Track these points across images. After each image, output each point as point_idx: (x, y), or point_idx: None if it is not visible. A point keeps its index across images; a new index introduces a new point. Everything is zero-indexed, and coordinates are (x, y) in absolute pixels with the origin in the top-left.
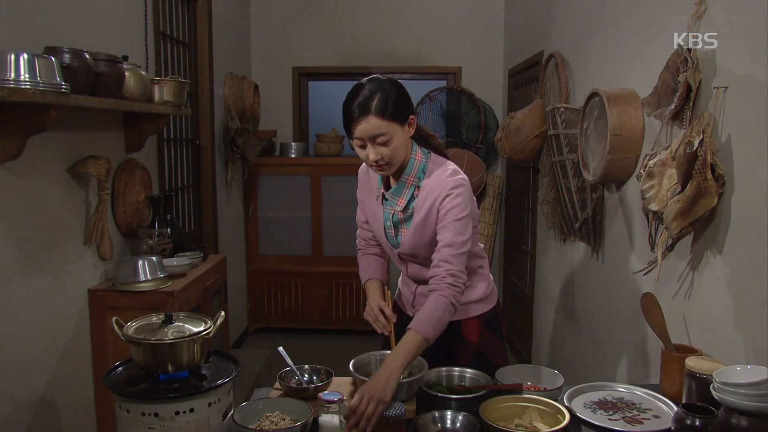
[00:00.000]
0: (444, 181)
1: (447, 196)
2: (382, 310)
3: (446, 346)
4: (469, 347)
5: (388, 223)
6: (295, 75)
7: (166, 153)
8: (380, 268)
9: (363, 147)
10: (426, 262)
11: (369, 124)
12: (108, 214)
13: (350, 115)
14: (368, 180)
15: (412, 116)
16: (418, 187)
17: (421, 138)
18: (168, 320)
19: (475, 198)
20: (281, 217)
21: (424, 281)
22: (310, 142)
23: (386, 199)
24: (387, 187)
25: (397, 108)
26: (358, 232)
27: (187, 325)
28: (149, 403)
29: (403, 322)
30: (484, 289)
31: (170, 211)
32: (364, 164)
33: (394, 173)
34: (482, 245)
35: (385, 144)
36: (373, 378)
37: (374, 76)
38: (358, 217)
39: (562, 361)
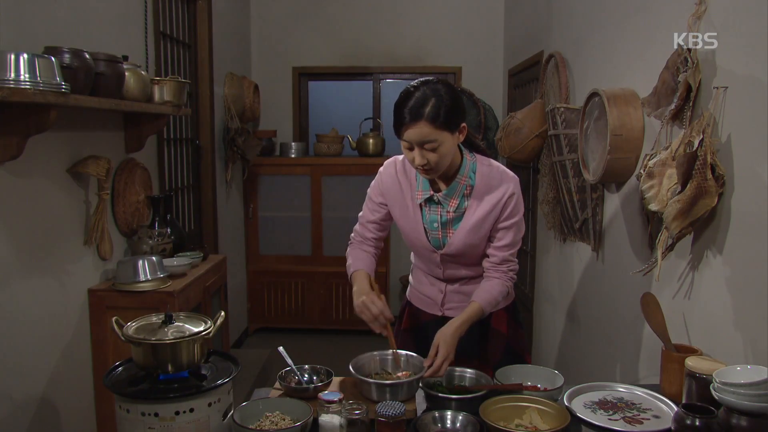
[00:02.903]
0: (507, 180)
1: (512, 195)
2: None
3: (477, 340)
4: (500, 339)
5: (435, 224)
6: (295, 75)
7: (166, 153)
8: (371, 263)
9: (410, 149)
10: (468, 260)
11: (419, 131)
12: (108, 214)
13: (401, 119)
14: (402, 182)
15: (463, 124)
16: (470, 186)
17: (467, 141)
18: (168, 320)
19: None
20: (281, 217)
21: (458, 279)
22: (310, 142)
23: (433, 202)
24: (433, 188)
25: (450, 116)
26: (357, 227)
27: (187, 325)
28: (149, 403)
29: (425, 323)
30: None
31: (170, 211)
32: (393, 165)
33: (444, 175)
34: None
35: (434, 150)
36: (444, 338)
37: (429, 79)
38: (363, 214)
39: (562, 361)
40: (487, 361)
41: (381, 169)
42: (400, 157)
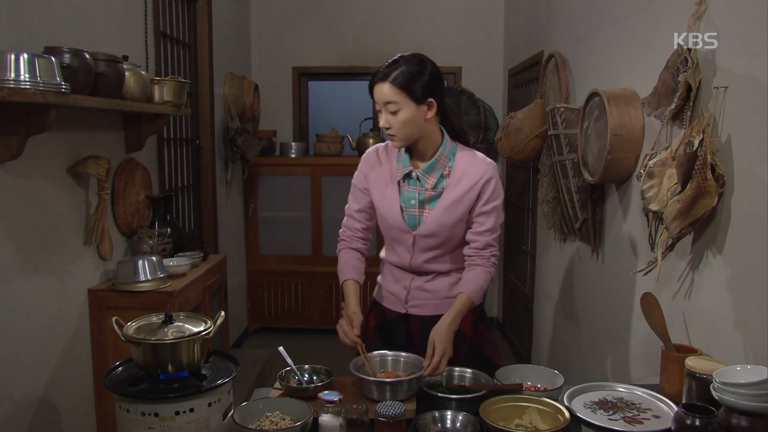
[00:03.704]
0: (485, 164)
1: (490, 179)
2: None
3: None
4: (463, 339)
5: (413, 201)
6: (295, 75)
7: (166, 153)
8: (360, 268)
9: (380, 111)
10: (438, 247)
11: (383, 90)
12: (108, 214)
13: (373, 78)
14: (383, 160)
15: (431, 99)
16: (449, 167)
17: (455, 132)
18: (168, 320)
19: None
20: (281, 217)
21: (424, 273)
22: (310, 142)
23: (411, 179)
24: (413, 166)
25: (417, 85)
26: (345, 222)
27: (187, 325)
28: (149, 403)
29: (391, 321)
30: None
31: (170, 211)
32: (376, 148)
33: (422, 153)
34: None
35: (395, 113)
36: (439, 336)
37: (417, 53)
38: (349, 205)
39: (562, 361)
40: (450, 360)
41: (363, 155)
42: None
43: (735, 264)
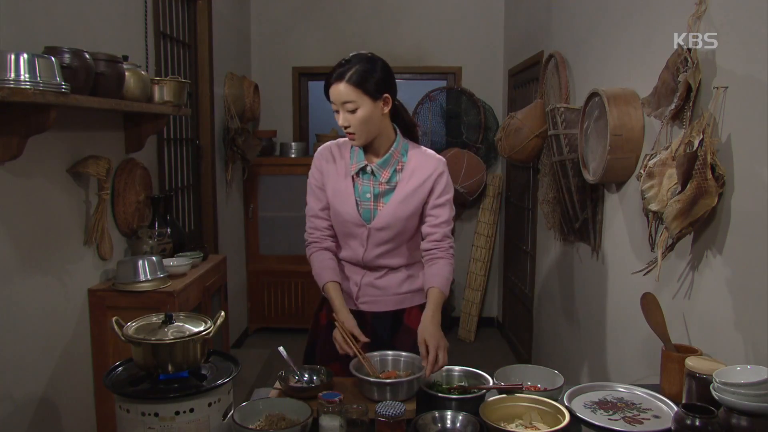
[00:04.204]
0: (436, 160)
1: (442, 173)
2: (352, 335)
3: (387, 333)
4: (409, 334)
5: (368, 195)
6: (295, 75)
7: (166, 153)
8: (337, 269)
9: (337, 112)
10: (391, 241)
11: (340, 90)
12: (108, 214)
13: (328, 79)
14: (337, 158)
15: (386, 95)
16: (402, 162)
17: (405, 126)
18: (168, 320)
19: None
20: (281, 217)
21: (376, 268)
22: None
23: (366, 173)
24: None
25: (371, 82)
26: (310, 224)
27: (187, 325)
28: (149, 403)
29: (334, 321)
30: None
31: (170, 211)
32: (329, 146)
33: (377, 149)
34: None
35: (353, 112)
36: (430, 333)
37: (364, 52)
38: (310, 206)
39: (562, 361)
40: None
41: (315, 154)
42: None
43: (735, 264)
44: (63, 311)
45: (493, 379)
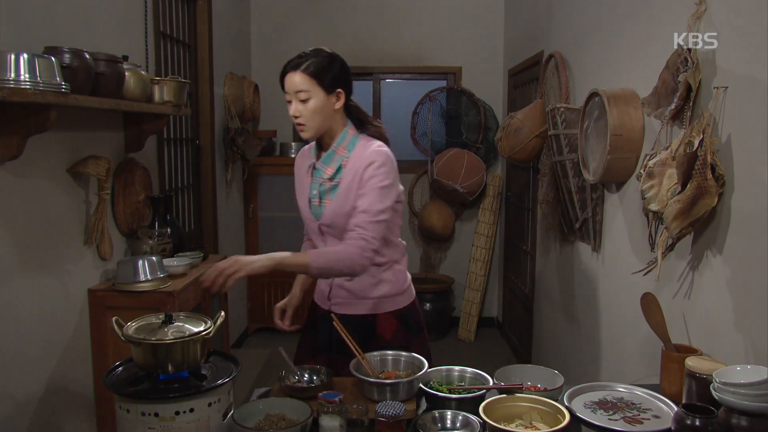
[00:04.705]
0: (371, 151)
1: (370, 164)
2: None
3: (358, 337)
4: (379, 342)
5: (315, 192)
6: None
7: (166, 153)
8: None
9: (290, 102)
10: (342, 238)
11: (294, 79)
12: (108, 214)
13: (283, 69)
14: (306, 156)
15: (340, 89)
16: (347, 158)
17: (359, 121)
18: (168, 320)
19: (399, 179)
20: (281, 217)
21: None
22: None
23: (316, 169)
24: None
25: (325, 74)
26: (305, 222)
27: (187, 325)
28: (149, 403)
29: (318, 317)
30: (398, 285)
31: (170, 211)
32: (309, 147)
33: (326, 145)
34: (403, 242)
35: (304, 102)
36: (249, 257)
37: (326, 49)
38: (298, 204)
39: (562, 361)
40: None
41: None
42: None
43: (735, 264)
44: (63, 311)
45: (493, 379)
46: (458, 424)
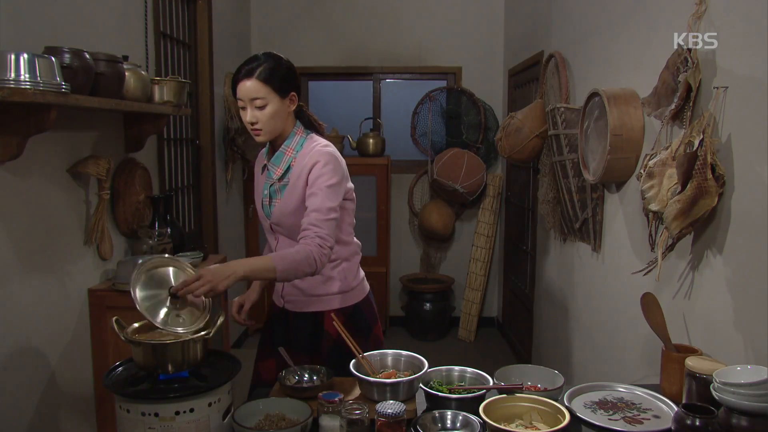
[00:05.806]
0: (316, 151)
1: (316, 163)
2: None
3: (311, 337)
4: (327, 339)
5: (266, 192)
6: None
7: (166, 153)
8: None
9: (244, 108)
10: (291, 238)
11: (249, 87)
12: (108, 214)
13: (237, 75)
14: (262, 158)
15: (293, 93)
16: (295, 158)
17: (307, 122)
18: (173, 297)
19: (348, 176)
20: None
21: None
22: None
23: (268, 170)
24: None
25: (279, 80)
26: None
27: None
28: (149, 403)
29: (274, 314)
30: (347, 283)
31: (170, 211)
32: (262, 149)
33: (277, 146)
34: (358, 242)
35: (261, 108)
36: (216, 267)
37: (272, 52)
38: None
39: (562, 361)
40: (320, 355)
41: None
42: None
43: (735, 264)
44: (63, 311)
45: (493, 379)
46: (458, 424)
